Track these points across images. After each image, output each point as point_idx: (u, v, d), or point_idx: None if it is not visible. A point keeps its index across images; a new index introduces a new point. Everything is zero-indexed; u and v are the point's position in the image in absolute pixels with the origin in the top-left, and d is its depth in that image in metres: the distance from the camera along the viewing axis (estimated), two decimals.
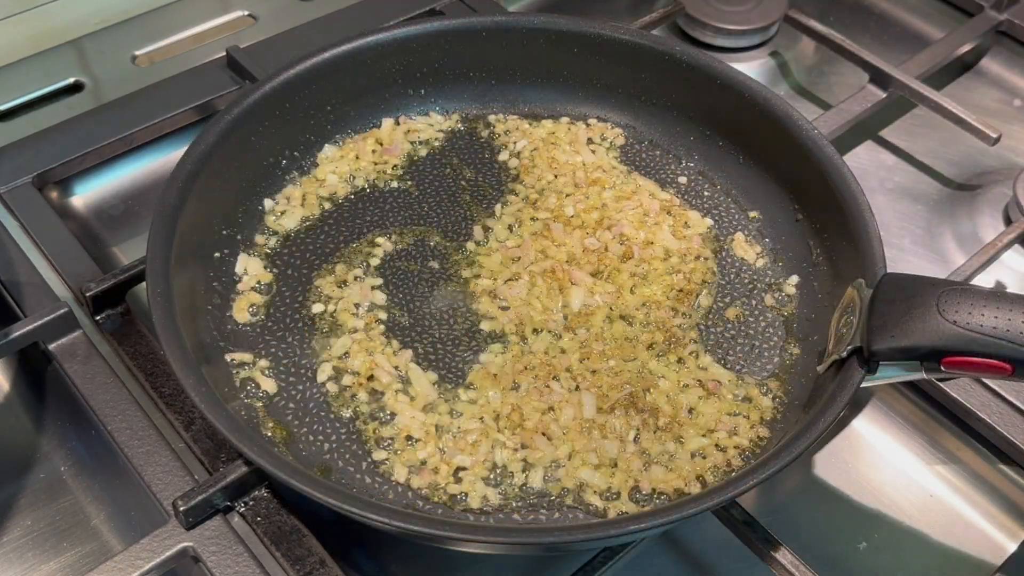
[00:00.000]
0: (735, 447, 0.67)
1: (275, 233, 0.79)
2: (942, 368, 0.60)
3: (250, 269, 0.76)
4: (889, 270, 0.66)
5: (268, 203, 0.80)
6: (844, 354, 0.63)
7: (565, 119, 0.89)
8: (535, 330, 0.73)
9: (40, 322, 0.72)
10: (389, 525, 0.57)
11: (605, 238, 0.79)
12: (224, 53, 0.95)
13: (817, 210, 0.76)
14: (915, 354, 0.60)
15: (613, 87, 0.88)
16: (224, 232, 0.77)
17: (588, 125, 0.89)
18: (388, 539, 0.69)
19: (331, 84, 0.83)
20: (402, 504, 0.64)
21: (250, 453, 0.59)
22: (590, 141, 0.88)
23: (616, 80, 0.88)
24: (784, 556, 0.63)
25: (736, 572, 0.68)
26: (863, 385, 0.63)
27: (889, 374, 0.63)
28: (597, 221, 0.81)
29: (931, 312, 0.59)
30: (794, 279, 0.77)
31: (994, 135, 0.92)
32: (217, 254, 0.76)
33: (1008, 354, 0.58)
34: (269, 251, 0.78)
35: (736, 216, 0.82)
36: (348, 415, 0.69)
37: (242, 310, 0.74)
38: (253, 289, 0.75)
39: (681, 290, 0.76)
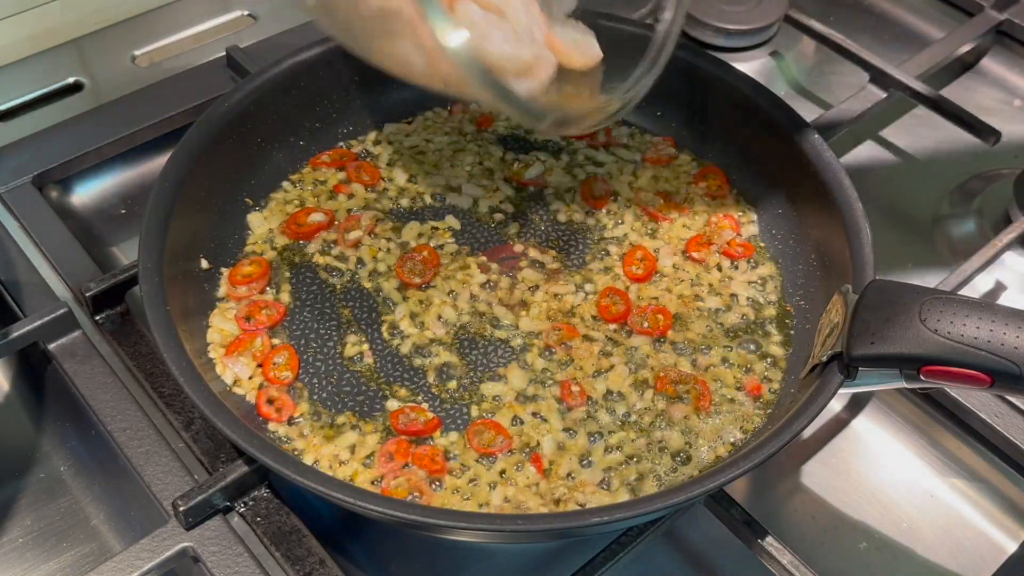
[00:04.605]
0: (728, 451, 0.67)
1: (272, 234, 0.79)
2: (921, 377, 0.58)
3: (246, 272, 0.76)
4: (889, 272, 0.66)
5: (257, 208, 0.80)
6: (824, 359, 0.62)
7: None
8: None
9: (40, 322, 0.72)
10: (399, 518, 0.57)
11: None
12: (224, 53, 0.95)
13: (815, 214, 0.76)
14: (893, 362, 0.59)
15: None
16: (216, 234, 0.77)
17: None
18: (388, 539, 0.69)
19: (327, 84, 0.83)
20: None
21: (252, 449, 0.59)
22: None
23: None
24: (784, 556, 0.63)
25: (736, 572, 0.68)
26: (847, 391, 0.62)
27: (870, 381, 0.61)
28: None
29: (912, 320, 0.58)
30: (792, 283, 0.77)
31: (994, 135, 0.92)
32: (209, 257, 0.76)
33: (989, 365, 0.56)
34: (267, 253, 0.78)
35: (736, 219, 0.82)
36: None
37: (239, 315, 0.74)
38: (251, 291, 0.75)
39: (681, 296, 0.76)
